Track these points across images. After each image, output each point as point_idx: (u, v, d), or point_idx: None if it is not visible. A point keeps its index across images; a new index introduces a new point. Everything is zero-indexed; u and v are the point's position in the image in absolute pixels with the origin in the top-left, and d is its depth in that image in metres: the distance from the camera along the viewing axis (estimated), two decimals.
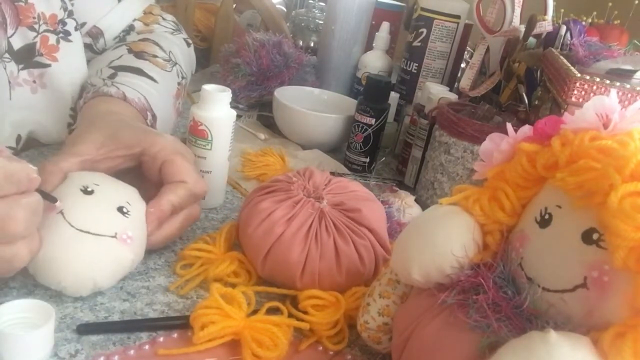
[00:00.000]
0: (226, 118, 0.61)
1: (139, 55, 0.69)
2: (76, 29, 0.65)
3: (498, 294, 0.35)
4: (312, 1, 1.32)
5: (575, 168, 0.32)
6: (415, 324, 0.38)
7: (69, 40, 0.64)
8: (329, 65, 1.08)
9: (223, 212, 0.65)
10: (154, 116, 0.63)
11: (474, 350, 0.33)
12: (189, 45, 0.83)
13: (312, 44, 1.25)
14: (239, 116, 0.68)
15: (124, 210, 0.46)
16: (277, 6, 1.39)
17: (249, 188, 0.71)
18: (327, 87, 1.02)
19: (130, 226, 0.46)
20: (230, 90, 0.61)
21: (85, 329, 0.43)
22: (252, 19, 1.41)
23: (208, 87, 0.60)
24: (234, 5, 1.36)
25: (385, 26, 1.05)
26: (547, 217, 0.34)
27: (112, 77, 0.63)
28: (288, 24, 1.28)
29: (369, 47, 1.08)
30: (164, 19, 0.81)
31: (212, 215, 0.64)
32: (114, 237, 0.44)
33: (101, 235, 0.44)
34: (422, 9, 0.97)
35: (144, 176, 0.53)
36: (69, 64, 0.64)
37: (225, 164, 0.64)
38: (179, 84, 0.74)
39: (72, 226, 0.43)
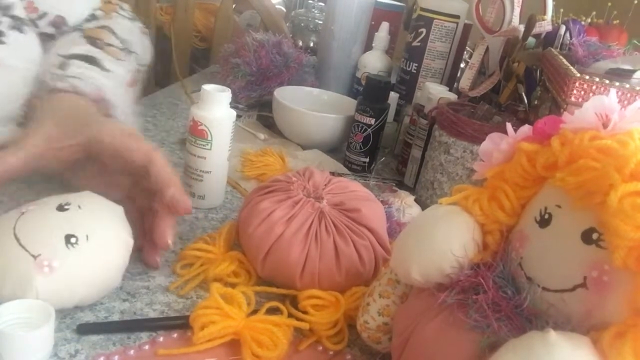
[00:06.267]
0: (226, 118, 0.61)
1: (93, 42, 0.67)
2: (32, 22, 0.62)
3: (498, 293, 0.35)
4: (311, 1, 1.32)
5: (575, 168, 0.32)
6: (415, 324, 0.38)
7: (22, 32, 0.61)
8: (329, 65, 1.08)
9: (223, 212, 0.65)
10: (112, 105, 0.61)
11: (473, 350, 0.33)
12: (144, 33, 0.81)
13: (311, 44, 1.25)
14: (238, 116, 0.68)
15: (72, 241, 0.42)
16: (277, 6, 1.39)
17: (248, 188, 0.71)
18: (327, 87, 1.02)
19: (63, 258, 0.41)
20: (230, 90, 0.61)
21: (85, 329, 0.43)
22: (252, 19, 1.41)
23: (208, 87, 0.60)
24: (234, 6, 1.36)
25: (384, 26, 1.05)
26: (546, 216, 0.34)
27: (63, 67, 0.60)
28: (288, 24, 1.29)
29: (368, 47, 1.08)
30: (121, 7, 0.79)
31: (212, 215, 0.64)
32: (34, 257, 0.40)
33: (24, 250, 0.40)
34: (422, 9, 0.97)
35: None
36: (20, 57, 0.60)
37: (225, 164, 0.64)
38: (134, 71, 0.72)
39: (13, 230, 0.41)
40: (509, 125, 0.39)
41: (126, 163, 0.50)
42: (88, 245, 0.43)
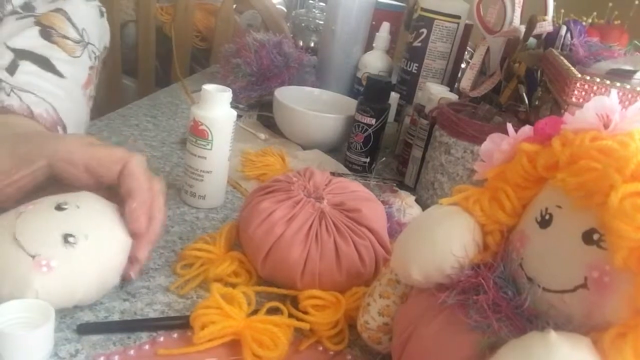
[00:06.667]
0: (226, 118, 0.61)
1: (47, 33, 0.60)
2: None
3: (498, 294, 0.35)
4: (312, 1, 1.32)
5: (576, 168, 0.32)
6: (416, 324, 0.38)
7: None
8: (329, 65, 1.08)
9: (223, 212, 0.65)
10: (64, 127, 0.57)
11: (474, 351, 0.33)
12: (102, 15, 0.73)
13: (312, 44, 1.25)
14: (239, 116, 0.68)
15: (71, 241, 0.41)
16: (277, 6, 1.39)
17: (249, 188, 0.71)
18: (327, 87, 1.02)
19: (62, 258, 0.41)
20: (230, 90, 0.61)
21: (85, 329, 0.43)
22: (252, 19, 1.41)
23: (208, 87, 0.60)
24: (234, 6, 1.36)
25: (385, 26, 1.05)
26: (547, 217, 0.34)
27: (11, 69, 0.54)
28: (288, 24, 1.29)
29: (369, 47, 1.08)
30: None
31: (212, 215, 0.64)
32: (32, 257, 0.40)
33: (23, 250, 0.40)
34: (423, 9, 0.97)
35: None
36: None
37: (225, 164, 0.64)
38: (90, 68, 0.66)
39: (11, 229, 0.41)
40: (509, 126, 0.39)
41: (96, 174, 0.46)
42: (86, 245, 0.42)
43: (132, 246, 0.46)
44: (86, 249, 0.42)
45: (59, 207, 0.43)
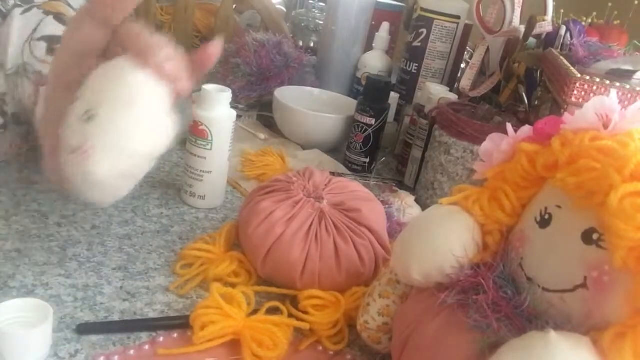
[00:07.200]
0: (226, 118, 0.61)
1: (61, 19, 0.61)
2: None
3: (498, 294, 0.35)
4: (312, 1, 1.32)
5: (575, 168, 0.32)
6: (416, 324, 0.38)
7: None
8: (329, 65, 1.08)
9: (223, 212, 0.65)
10: None
11: (474, 351, 0.33)
12: None
13: (312, 44, 1.25)
14: (239, 116, 0.68)
15: (88, 116, 0.37)
16: (277, 6, 1.39)
17: (249, 188, 0.71)
18: (327, 87, 1.02)
19: (92, 135, 0.37)
20: (230, 91, 0.61)
21: (85, 329, 0.43)
22: (252, 19, 1.41)
23: (208, 87, 0.60)
24: (234, 6, 1.36)
25: (385, 26, 1.05)
26: (547, 217, 0.34)
27: (52, 53, 0.56)
28: (288, 24, 1.28)
29: (368, 47, 1.08)
30: None
31: (212, 215, 0.64)
32: (72, 153, 0.37)
33: (70, 153, 0.37)
34: (422, 9, 0.97)
35: None
36: None
37: (225, 164, 0.64)
38: None
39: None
40: (509, 126, 0.39)
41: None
42: (107, 113, 0.38)
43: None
44: (106, 116, 0.38)
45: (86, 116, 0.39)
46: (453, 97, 0.82)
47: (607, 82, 0.59)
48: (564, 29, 0.78)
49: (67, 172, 0.39)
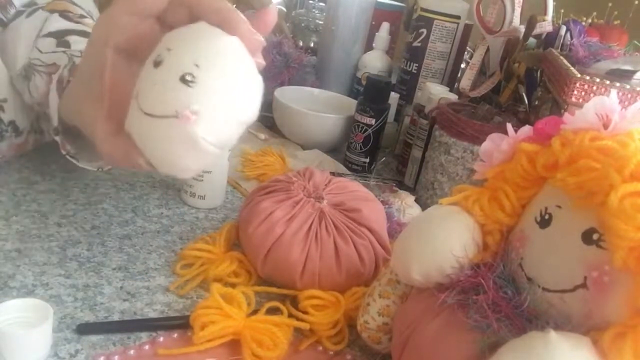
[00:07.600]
0: None
1: (67, 16, 0.60)
2: None
3: (498, 294, 0.35)
4: (312, 1, 1.32)
5: (576, 168, 0.32)
6: (415, 324, 0.38)
7: None
8: (329, 65, 1.08)
9: (223, 212, 0.65)
10: None
11: (474, 351, 0.33)
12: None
13: (312, 44, 1.25)
14: None
15: (187, 78, 0.35)
16: (277, 6, 1.39)
17: (249, 188, 0.71)
18: (327, 87, 1.02)
19: (195, 99, 0.35)
20: None
21: (85, 329, 0.43)
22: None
23: None
24: (234, 6, 1.36)
25: (385, 26, 1.05)
26: (547, 217, 0.34)
27: (64, 44, 0.54)
28: (288, 24, 1.28)
29: (368, 47, 1.08)
30: None
31: (212, 215, 0.64)
32: (175, 116, 0.35)
33: (163, 117, 0.35)
34: (422, 9, 0.97)
35: None
36: None
37: (225, 164, 0.64)
38: None
39: (140, 109, 0.36)
40: (509, 126, 0.39)
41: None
42: (204, 74, 0.35)
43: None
44: (206, 78, 0.35)
45: (155, 62, 0.37)
46: (453, 97, 0.81)
47: (607, 82, 0.59)
48: (564, 29, 0.78)
49: (151, 139, 0.36)
